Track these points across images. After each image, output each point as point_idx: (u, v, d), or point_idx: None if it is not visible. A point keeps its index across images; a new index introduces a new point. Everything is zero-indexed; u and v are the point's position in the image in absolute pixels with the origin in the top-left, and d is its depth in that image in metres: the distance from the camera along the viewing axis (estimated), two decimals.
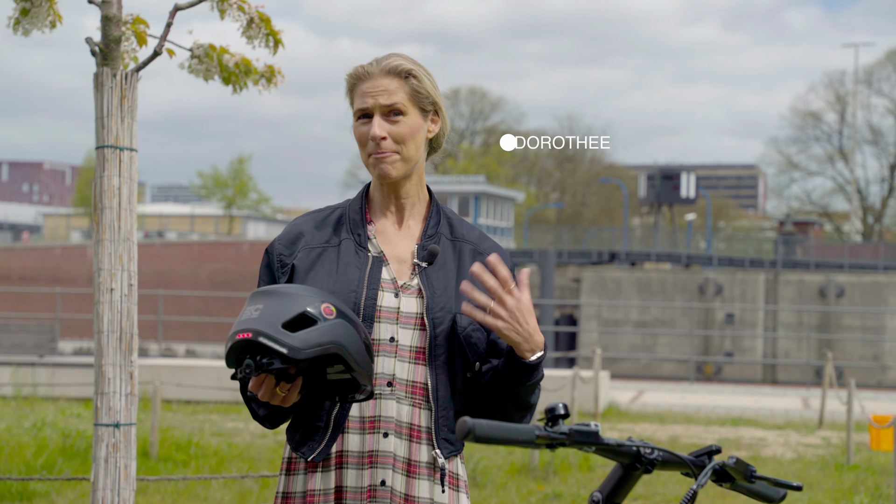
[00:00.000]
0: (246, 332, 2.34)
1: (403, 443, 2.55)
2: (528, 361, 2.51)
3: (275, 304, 2.37)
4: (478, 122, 64.14)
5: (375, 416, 2.55)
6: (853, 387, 12.53)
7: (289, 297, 2.39)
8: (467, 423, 1.99)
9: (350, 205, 2.71)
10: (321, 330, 2.36)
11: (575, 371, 14.28)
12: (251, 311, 2.39)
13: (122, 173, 4.03)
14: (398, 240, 2.66)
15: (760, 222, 78.48)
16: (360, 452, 2.54)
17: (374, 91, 2.60)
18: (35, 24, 4.16)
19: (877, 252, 42.07)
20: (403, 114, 2.61)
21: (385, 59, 2.64)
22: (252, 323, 2.35)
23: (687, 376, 27.99)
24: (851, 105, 57.53)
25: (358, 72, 2.64)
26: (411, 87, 2.62)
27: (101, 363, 3.99)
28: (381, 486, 2.53)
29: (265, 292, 2.42)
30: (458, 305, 2.58)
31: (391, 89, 2.60)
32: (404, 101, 2.61)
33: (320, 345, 2.34)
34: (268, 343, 2.32)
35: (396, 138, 2.60)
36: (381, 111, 2.60)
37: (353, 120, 2.67)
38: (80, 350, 25.24)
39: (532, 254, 36.28)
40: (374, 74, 2.62)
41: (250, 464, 10.15)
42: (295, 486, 2.60)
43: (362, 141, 2.63)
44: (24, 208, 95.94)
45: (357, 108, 2.63)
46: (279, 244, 2.66)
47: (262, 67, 4.44)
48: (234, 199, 56.52)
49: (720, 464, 2.21)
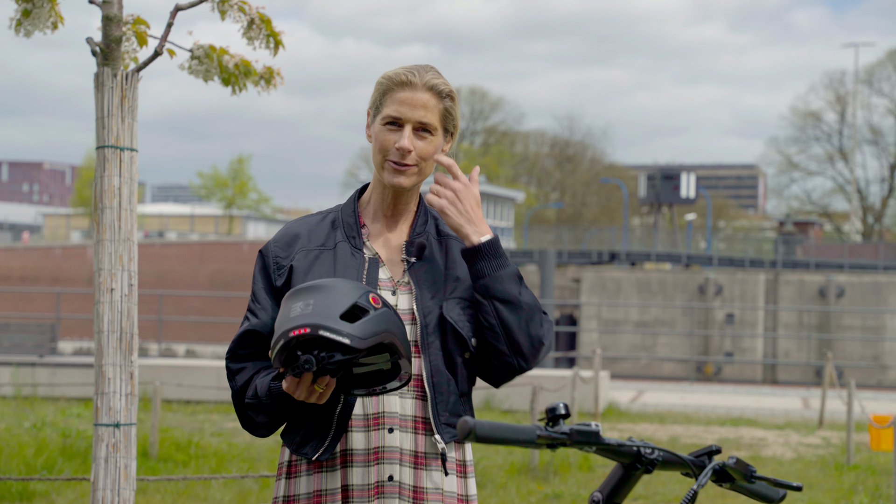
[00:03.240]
0: (303, 327, 2.33)
1: (409, 436, 2.57)
2: (477, 244, 2.58)
3: (325, 298, 2.37)
4: (478, 122, 64.15)
5: (379, 412, 2.57)
6: (853, 387, 12.53)
7: (335, 290, 2.39)
8: (468, 423, 1.99)
9: (343, 209, 2.74)
10: (374, 320, 2.37)
11: (575, 371, 14.28)
12: (299, 307, 2.38)
13: (123, 173, 4.03)
14: (390, 241, 2.70)
15: (760, 222, 78.50)
16: (366, 450, 2.55)
17: (414, 103, 2.61)
18: (36, 25, 4.16)
19: (877, 252, 42.08)
20: (432, 133, 2.64)
21: (427, 74, 2.64)
22: (307, 318, 2.34)
23: (687, 376, 27.99)
24: (852, 105, 57.56)
25: (401, 78, 2.63)
26: (445, 108, 2.65)
27: (101, 363, 3.99)
28: (388, 482, 2.54)
29: (307, 289, 2.42)
30: (446, 294, 2.62)
31: (429, 106, 2.62)
32: (436, 120, 2.64)
33: (376, 334, 2.36)
34: (329, 335, 2.32)
35: (421, 154, 2.63)
36: (414, 125, 2.62)
37: (373, 120, 2.67)
38: (80, 350, 25.24)
39: (532, 254, 36.28)
40: (416, 86, 2.62)
41: (250, 464, 10.15)
42: (298, 488, 2.60)
43: (386, 147, 2.63)
44: (24, 208, 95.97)
45: (389, 113, 2.62)
46: (275, 246, 2.68)
47: (262, 69, 4.44)
48: (234, 199, 56.50)
49: (720, 464, 2.21)
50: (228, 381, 2.68)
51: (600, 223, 59.55)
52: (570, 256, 38.64)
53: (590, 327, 31.58)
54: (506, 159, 61.58)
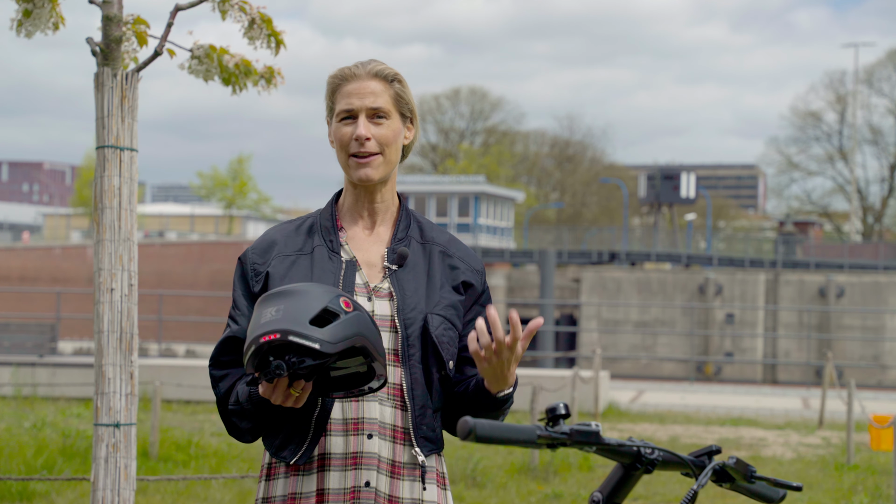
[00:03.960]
0: (273, 332, 2.32)
1: (387, 444, 2.57)
2: (495, 395, 2.56)
3: (295, 303, 2.36)
4: (478, 122, 64.12)
5: (359, 417, 2.56)
6: (853, 387, 12.53)
7: (306, 294, 2.38)
8: (468, 422, 1.99)
9: (321, 213, 2.73)
10: (345, 323, 2.36)
11: (575, 371, 14.28)
12: (270, 312, 2.37)
13: (123, 173, 4.03)
14: (369, 245, 2.68)
15: (760, 222, 78.50)
16: (344, 454, 2.55)
17: (361, 92, 2.62)
18: (37, 25, 4.16)
19: (877, 252, 42.09)
20: (387, 117, 2.64)
21: (370, 63, 2.67)
22: (277, 323, 2.33)
23: (687, 376, 27.99)
24: (852, 105, 57.55)
25: (344, 73, 2.66)
26: (395, 92, 2.66)
27: (101, 363, 3.99)
28: (364, 487, 2.53)
29: (278, 294, 2.41)
30: (430, 306, 2.61)
31: (378, 92, 2.63)
32: (388, 104, 2.64)
33: (347, 338, 2.35)
34: (299, 341, 2.31)
35: (380, 140, 2.63)
36: (367, 113, 2.63)
37: (332, 122, 2.68)
38: (80, 350, 25.24)
39: (532, 254, 36.29)
40: (360, 76, 2.64)
41: (250, 464, 10.15)
42: (275, 490, 2.60)
43: (344, 141, 2.64)
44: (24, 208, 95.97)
45: (342, 108, 2.64)
46: (252, 253, 2.68)
47: (262, 68, 4.44)
48: (234, 199, 56.50)
49: (720, 464, 2.21)
50: (212, 388, 2.67)
51: (600, 223, 59.55)
52: (570, 256, 38.64)
53: (590, 327, 31.58)
54: (506, 159, 61.56)
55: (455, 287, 2.67)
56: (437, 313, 2.61)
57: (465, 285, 2.69)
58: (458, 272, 2.69)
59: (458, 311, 2.65)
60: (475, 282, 2.70)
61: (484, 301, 2.72)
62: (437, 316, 2.60)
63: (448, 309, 2.63)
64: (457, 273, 2.68)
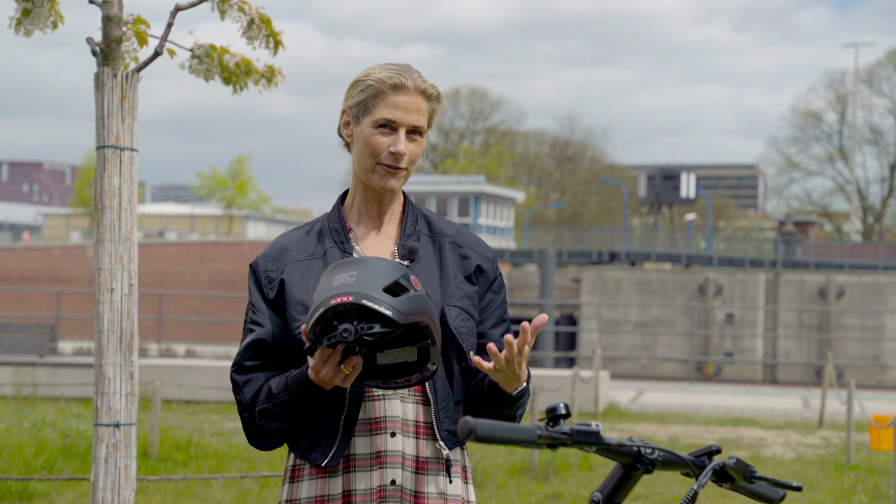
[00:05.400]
0: (347, 294, 2.29)
1: (411, 440, 2.56)
2: (509, 394, 2.56)
3: (368, 271, 2.35)
4: (478, 122, 64.12)
5: (381, 416, 2.56)
6: (853, 387, 12.53)
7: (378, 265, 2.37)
8: (469, 422, 1.99)
9: (328, 216, 2.73)
10: (415, 299, 2.34)
11: (575, 371, 14.28)
12: (343, 277, 2.34)
13: (123, 173, 4.03)
14: (378, 243, 2.69)
15: (760, 222, 78.51)
16: (369, 454, 2.55)
17: (409, 108, 2.60)
18: (36, 24, 4.16)
19: (877, 252, 42.08)
20: (422, 135, 2.65)
21: (414, 76, 2.62)
22: (351, 286, 2.30)
23: (687, 376, 27.99)
24: (852, 105, 57.56)
25: (394, 81, 2.60)
26: (432, 110, 2.66)
27: (101, 363, 3.99)
28: (390, 486, 2.54)
29: (353, 262, 2.39)
30: (446, 298, 2.61)
31: (422, 110, 2.62)
32: (425, 122, 2.64)
33: (416, 312, 2.32)
34: (372, 305, 2.28)
35: (412, 157, 2.64)
36: (408, 129, 2.61)
37: (362, 122, 2.63)
38: (80, 350, 25.23)
39: (532, 254, 36.27)
40: (409, 90, 2.60)
41: (250, 464, 10.15)
42: (299, 492, 2.59)
43: (378, 150, 2.61)
44: (24, 208, 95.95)
45: (384, 116, 2.59)
46: (264, 261, 2.67)
47: (263, 68, 4.44)
48: (234, 199, 56.49)
49: (720, 464, 2.21)
50: (235, 394, 2.61)
51: (600, 223, 59.55)
52: (570, 256, 38.63)
53: (590, 327, 31.58)
54: (506, 159, 61.56)
55: (468, 277, 2.67)
56: (454, 305, 2.61)
57: (478, 271, 2.69)
58: (470, 261, 2.69)
59: (473, 301, 2.66)
60: (487, 268, 2.70)
61: (496, 288, 2.73)
62: (454, 308, 2.60)
63: (464, 300, 2.63)
64: (468, 262, 2.69)
